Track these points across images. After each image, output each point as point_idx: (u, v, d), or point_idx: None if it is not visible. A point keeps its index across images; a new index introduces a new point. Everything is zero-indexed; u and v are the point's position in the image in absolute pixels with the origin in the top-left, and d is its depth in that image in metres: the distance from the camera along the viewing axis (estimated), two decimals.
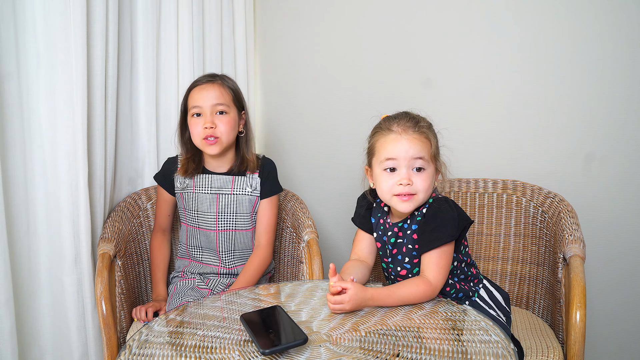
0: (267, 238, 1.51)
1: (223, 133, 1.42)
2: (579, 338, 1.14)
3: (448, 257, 1.11)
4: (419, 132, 1.13)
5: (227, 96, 1.45)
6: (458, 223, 1.11)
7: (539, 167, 1.60)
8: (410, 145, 1.11)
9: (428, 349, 0.88)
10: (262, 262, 1.49)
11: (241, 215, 1.51)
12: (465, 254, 1.20)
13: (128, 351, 0.92)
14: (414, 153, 1.11)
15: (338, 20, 1.91)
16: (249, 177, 1.51)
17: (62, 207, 1.41)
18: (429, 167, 1.13)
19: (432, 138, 1.15)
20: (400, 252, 1.18)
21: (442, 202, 1.14)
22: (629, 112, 1.48)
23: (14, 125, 1.33)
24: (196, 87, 1.45)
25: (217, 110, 1.43)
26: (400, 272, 1.19)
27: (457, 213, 1.12)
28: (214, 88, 1.44)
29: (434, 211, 1.13)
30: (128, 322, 1.47)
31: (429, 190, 1.13)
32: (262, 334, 0.92)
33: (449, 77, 1.72)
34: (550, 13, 1.54)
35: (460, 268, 1.19)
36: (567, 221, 1.37)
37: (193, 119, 1.44)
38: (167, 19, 1.72)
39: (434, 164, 1.15)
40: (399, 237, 1.19)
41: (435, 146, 1.16)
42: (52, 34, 1.35)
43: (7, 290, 1.26)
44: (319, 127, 2.00)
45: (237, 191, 1.50)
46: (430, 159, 1.13)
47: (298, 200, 1.67)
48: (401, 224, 1.18)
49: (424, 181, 1.11)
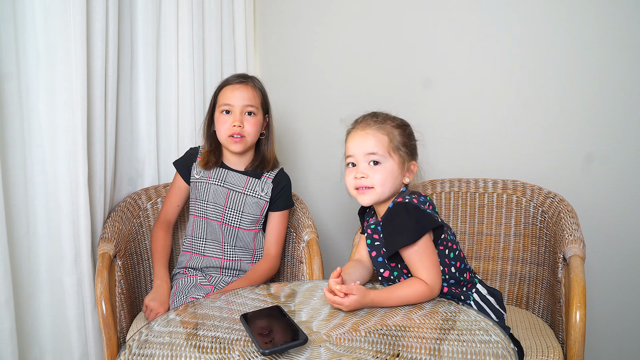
0: (276, 249, 1.55)
1: (250, 133, 1.48)
2: (578, 338, 1.14)
3: (429, 254, 1.10)
4: (377, 127, 1.18)
5: (258, 98, 1.51)
6: (416, 228, 1.09)
7: (539, 167, 1.60)
8: (364, 140, 1.16)
9: (428, 349, 0.88)
10: (269, 270, 1.51)
11: (246, 215, 1.53)
12: (455, 258, 1.18)
13: (128, 351, 0.92)
14: (367, 148, 1.16)
15: (337, 21, 1.91)
16: (262, 180, 1.54)
17: (62, 207, 1.41)
18: (385, 161, 1.16)
19: (393, 132, 1.17)
20: (378, 253, 1.19)
21: (400, 207, 1.12)
22: (629, 112, 1.49)
23: (14, 125, 1.33)
24: (229, 85, 1.50)
25: (246, 111, 1.48)
26: (384, 273, 1.19)
27: (414, 219, 1.10)
28: (247, 89, 1.49)
29: (389, 216, 1.14)
30: (128, 322, 1.47)
31: (385, 184, 1.15)
32: (262, 334, 0.93)
33: (449, 77, 1.72)
34: (551, 13, 1.54)
35: (449, 273, 1.17)
36: (567, 221, 1.37)
37: (222, 115, 1.48)
38: (167, 19, 1.72)
39: (393, 159, 1.16)
40: (375, 240, 1.19)
41: (399, 141, 1.17)
42: (52, 34, 1.35)
43: (7, 290, 1.26)
44: (319, 127, 2.00)
45: (247, 191, 1.53)
46: (388, 153, 1.16)
47: (298, 200, 1.67)
48: (374, 226, 1.19)
49: (379, 174, 1.15)
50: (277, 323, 0.97)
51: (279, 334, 0.93)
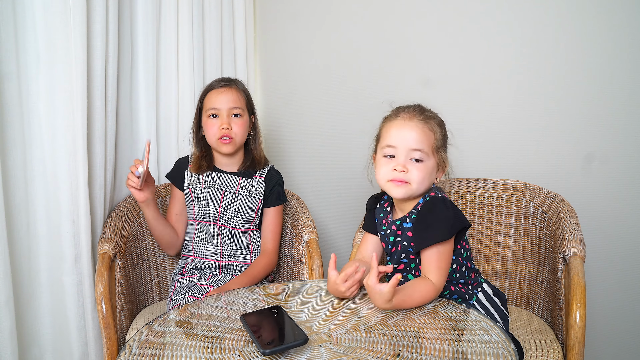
0: (273, 244, 1.57)
1: (237, 134, 1.51)
2: (578, 338, 1.15)
3: (447, 257, 1.10)
4: (424, 121, 1.13)
5: (242, 100, 1.54)
6: (452, 224, 1.09)
7: (539, 167, 1.60)
8: (412, 133, 1.11)
9: (428, 349, 0.88)
10: (267, 266, 1.53)
11: (241, 215, 1.55)
12: (467, 257, 1.19)
13: (128, 351, 0.92)
14: (412, 142, 1.11)
15: (338, 20, 1.91)
16: (255, 180, 1.57)
17: (62, 207, 1.41)
18: (427, 159, 1.13)
19: (437, 131, 1.15)
20: (397, 250, 1.18)
21: (438, 201, 1.12)
22: (629, 112, 1.48)
23: (14, 125, 1.33)
24: (213, 90, 1.53)
25: (232, 113, 1.51)
26: (398, 267, 1.19)
27: (452, 213, 1.10)
28: (231, 92, 1.52)
29: (427, 209, 1.12)
30: (128, 322, 1.47)
31: (423, 182, 1.12)
32: (262, 334, 0.93)
33: (449, 77, 1.72)
34: (551, 13, 1.54)
35: (459, 272, 1.18)
36: (567, 221, 1.37)
37: (209, 119, 1.51)
38: (167, 19, 1.72)
39: (435, 158, 1.14)
40: (398, 236, 1.19)
41: (440, 141, 1.15)
42: (52, 34, 1.35)
43: (7, 290, 1.26)
44: (319, 126, 2.00)
45: (241, 191, 1.55)
46: (431, 152, 1.13)
47: (298, 200, 1.67)
48: (399, 222, 1.18)
49: (420, 172, 1.11)
50: (277, 323, 0.97)
51: (279, 334, 0.93)
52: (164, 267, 1.69)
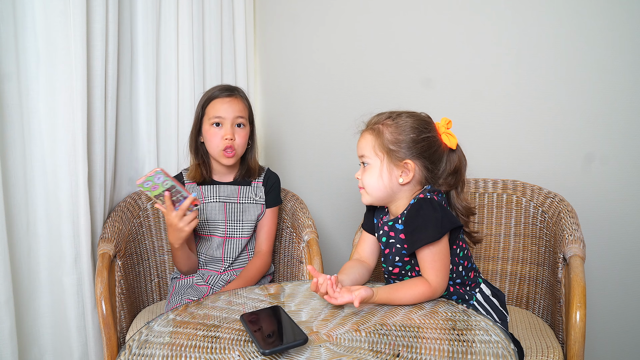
0: (268, 245, 1.56)
1: (240, 146, 1.49)
2: (579, 338, 1.14)
3: (442, 257, 1.10)
4: (370, 127, 1.19)
5: (246, 110, 1.52)
6: (442, 224, 1.08)
7: (539, 167, 1.60)
8: (359, 143, 1.19)
9: (428, 349, 0.88)
10: (262, 267, 1.53)
11: (247, 223, 1.55)
12: (464, 256, 1.18)
13: (128, 351, 0.92)
14: (359, 150, 1.19)
15: (338, 20, 1.91)
16: (254, 186, 1.56)
17: (62, 207, 1.41)
18: (373, 162, 1.15)
19: (380, 131, 1.15)
20: (391, 251, 1.19)
21: (424, 202, 1.11)
22: (629, 112, 1.48)
23: (14, 125, 1.33)
24: (218, 98, 1.49)
25: (236, 123, 1.48)
26: (393, 270, 1.19)
27: (440, 214, 1.09)
28: (237, 102, 1.50)
29: (415, 210, 1.12)
30: (128, 322, 1.47)
31: (373, 184, 1.15)
32: (262, 334, 0.92)
33: (448, 77, 1.72)
34: (551, 13, 1.54)
35: (456, 272, 1.17)
36: (567, 221, 1.37)
37: (212, 128, 1.47)
38: (167, 20, 1.72)
39: (380, 157, 1.14)
40: (391, 237, 1.19)
41: (389, 139, 1.14)
42: (52, 34, 1.35)
43: (7, 290, 1.26)
44: (319, 127, 2.00)
45: (243, 200, 1.55)
46: (374, 152, 1.15)
47: (298, 200, 1.67)
48: (391, 223, 1.19)
49: (365, 176, 1.16)
50: (277, 323, 0.97)
51: (279, 334, 0.93)
52: (164, 267, 1.69)
